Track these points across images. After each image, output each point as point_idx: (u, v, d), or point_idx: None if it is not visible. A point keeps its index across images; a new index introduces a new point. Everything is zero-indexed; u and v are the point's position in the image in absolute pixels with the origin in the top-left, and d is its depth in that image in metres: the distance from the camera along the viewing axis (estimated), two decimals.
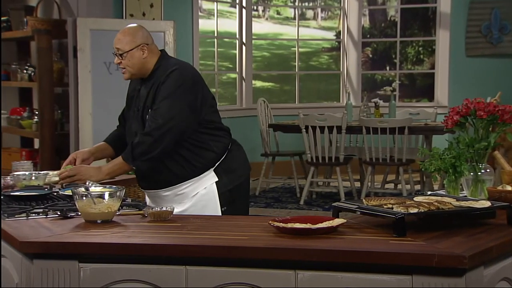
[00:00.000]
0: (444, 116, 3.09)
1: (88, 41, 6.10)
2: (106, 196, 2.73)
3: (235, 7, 9.57)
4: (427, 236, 2.36)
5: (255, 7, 10.18)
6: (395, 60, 10.19)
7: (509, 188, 2.89)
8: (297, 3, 10.50)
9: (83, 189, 2.87)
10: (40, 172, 3.68)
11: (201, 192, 3.27)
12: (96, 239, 2.46)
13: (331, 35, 10.89)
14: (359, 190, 7.48)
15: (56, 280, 2.38)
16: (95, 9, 6.81)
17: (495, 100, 5.65)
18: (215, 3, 9.35)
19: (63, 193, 3.18)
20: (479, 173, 2.93)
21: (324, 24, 10.94)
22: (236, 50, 9.60)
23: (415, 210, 2.46)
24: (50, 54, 6.24)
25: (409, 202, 2.59)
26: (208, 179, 3.27)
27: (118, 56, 3.24)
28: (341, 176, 7.35)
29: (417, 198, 2.71)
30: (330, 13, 10.87)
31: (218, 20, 9.46)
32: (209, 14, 9.47)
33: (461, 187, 2.96)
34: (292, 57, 10.40)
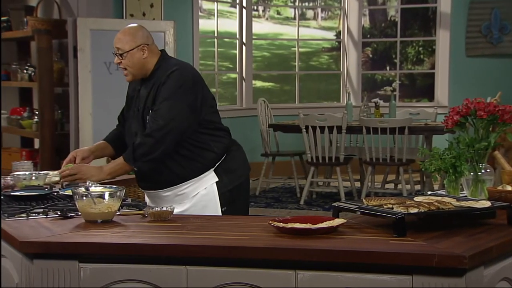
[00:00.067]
0: (444, 116, 3.09)
1: (88, 41, 6.10)
2: (106, 196, 2.73)
3: (235, 7, 9.57)
4: (427, 236, 2.36)
5: (255, 7, 10.18)
6: (395, 60, 10.19)
7: (509, 188, 2.89)
8: (297, 3, 10.50)
9: (83, 189, 2.87)
10: (40, 172, 3.67)
11: (202, 193, 3.27)
12: (96, 239, 2.46)
13: (331, 35, 10.89)
14: (359, 190, 7.48)
15: (56, 280, 2.38)
16: (95, 9, 6.81)
17: (495, 100, 5.65)
18: (215, 3, 9.35)
19: (63, 193, 3.18)
20: (479, 173, 2.93)
21: (324, 24, 10.94)
22: (236, 50, 9.60)
23: (415, 210, 2.46)
24: (50, 54, 6.24)
25: (409, 202, 2.59)
26: (209, 179, 3.27)
27: (118, 56, 3.23)
28: (341, 176, 7.35)
29: (417, 198, 2.71)
30: (330, 13, 10.87)
31: (218, 20, 9.46)
32: (209, 14, 9.47)
33: (461, 187, 2.96)
34: (292, 57, 10.40)
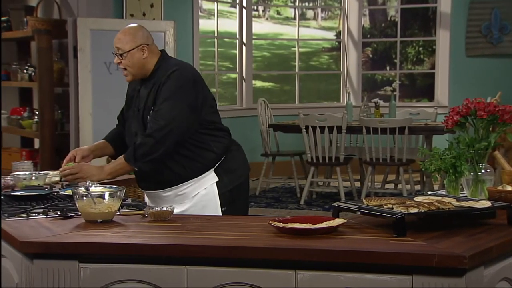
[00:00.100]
0: (444, 116, 3.09)
1: (88, 41, 6.10)
2: (106, 196, 2.73)
3: (235, 7, 9.57)
4: (427, 236, 2.36)
5: (255, 7, 10.18)
6: (395, 60, 10.19)
7: (509, 188, 2.89)
8: (297, 3, 10.50)
9: (83, 189, 2.87)
10: (40, 172, 3.68)
11: (202, 193, 3.27)
12: (96, 239, 2.46)
13: (331, 35, 10.89)
14: (359, 190, 7.47)
15: (56, 280, 2.38)
16: (95, 9, 6.81)
17: (495, 100, 5.65)
18: (215, 3, 9.35)
19: (63, 193, 3.18)
20: (479, 173, 2.93)
21: (324, 24, 10.94)
22: (236, 50, 9.60)
23: (415, 210, 2.46)
24: (50, 54, 6.24)
25: (409, 202, 2.59)
26: (209, 180, 3.27)
27: (118, 56, 3.23)
28: (341, 176, 7.35)
29: (417, 198, 2.71)
30: (330, 13, 10.87)
31: (218, 20, 9.46)
32: (209, 14, 9.47)
33: (461, 187, 2.96)
34: (292, 57, 10.40)
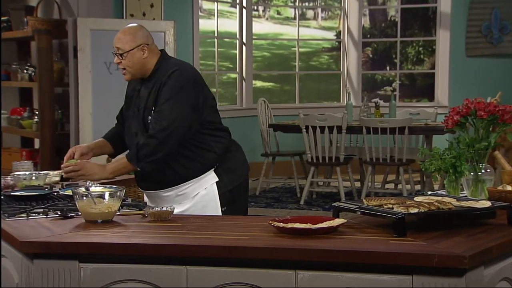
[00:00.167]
0: (445, 116, 3.09)
1: (88, 41, 6.10)
2: (107, 196, 2.73)
3: (235, 7, 9.57)
4: (427, 236, 2.36)
5: (255, 7, 10.18)
6: (395, 60, 10.19)
7: (510, 188, 2.89)
8: (297, 3, 10.50)
9: (84, 189, 2.87)
10: (41, 172, 3.68)
11: (202, 193, 3.27)
12: (96, 239, 2.46)
13: (331, 35, 10.89)
14: (359, 190, 7.47)
15: (56, 280, 2.38)
16: (95, 9, 6.81)
17: (496, 100, 5.65)
18: (215, 3, 9.35)
19: (64, 193, 3.18)
20: (480, 173, 2.93)
21: (324, 24, 10.94)
22: (237, 50, 9.60)
23: (416, 210, 2.46)
24: (50, 54, 6.23)
25: (409, 202, 2.59)
26: (209, 180, 3.27)
27: (118, 56, 3.23)
28: (341, 176, 7.35)
29: (418, 198, 2.71)
30: (330, 13, 10.87)
31: (219, 20, 9.46)
32: (210, 14, 9.47)
33: (462, 187, 2.96)
34: (292, 57, 10.40)
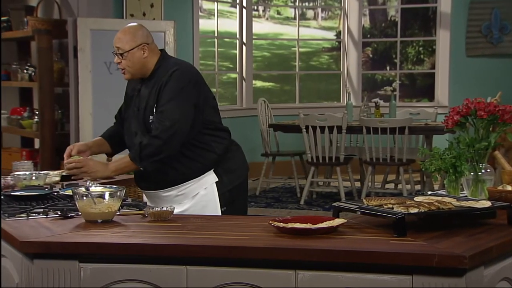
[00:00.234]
0: (445, 116, 3.09)
1: (89, 41, 6.10)
2: (107, 196, 2.73)
3: (236, 7, 9.57)
4: (428, 236, 2.36)
5: (256, 7, 10.18)
6: (396, 60, 10.18)
7: (510, 188, 2.89)
8: (298, 3, 10.50)
9: (84, 189, 2.87)
10: (41, 172, 3.68)
11: (201, 193, 3.27)
12: (97, 239, 2.46)
13: (332, 35, 10.89)
14: (360, 190, 7.47)
15: (57, 280, 2.38)
16: (96, 9, 6.81)
17: (496, 100, 5.64)
18: (216, 3, 9.35)
19: (64, 193, 3.18)
20: (480, 173, 2.93)
21: (325, 24, 10.94)
22: (237, 50, 9.60)
23: (416, 210, 2.46)
24: (51, 54, 6.23)
25: (410, 202, 2.58)
26: (209, 180, 3.27)
27: (118, 56, 3.22)
28: (342, 176, 7.35)
29: (418, 198, 2.71)
30: (331, 13, 10.86)
31: (219, 20, 9.46)
32: (210, 14, 9.47)
33: (462, 187, 2.96)
34: (293, 57, 10.40)
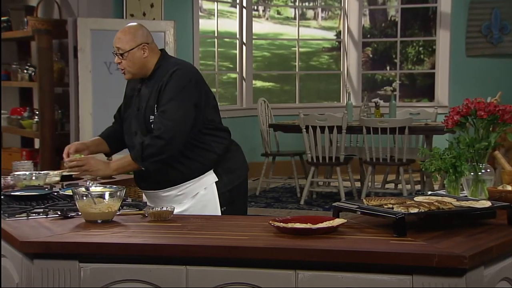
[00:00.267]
0: (445, 116, 3.09)
1: (89, 41, 6.10)
2: (107, 196, 2.73)
3: (236, 7, 9.57)
4: (428, 236, 2.36)
5: (256, 7, 10.18)
6: (396, 60, 10.19)
7: (510, 188, 2.89)
8: (298, 3, 10.50)
9: (84, 189, 2.87)
10: (41, 172, 3.68)
11: (201, 193, 3.27)
12: (97, 239, 2.46)
13: (332, 35, 10.89)
14: (360, 190, 7.47)
15: (57, 280, 2.38)
16: (96, 9, 6.81)
17: (496, 100, 5.65)
18: (216, 3, 9.35)
19: (64, 193, 3.18)
20: (480, 173, 2.93)
21: (325, 24, 10.94)
22: (237, 50, 9.60)
23: (416, 210, 2.46)
24: (51, 54, 6.23)
25: (410, 202, 2.58)
26: (208, 180, 3.27)
27: (119, 56, 3.22)
28: (342, 176, 7.35)
29: (418, 198, 2.71)
30: (331, 13, 10.86)
31: (219, 20, 9.46)
32: (210, 14, 9.47)
33: (462, 187, 2.96)
34: (293, 57, 10.40)
